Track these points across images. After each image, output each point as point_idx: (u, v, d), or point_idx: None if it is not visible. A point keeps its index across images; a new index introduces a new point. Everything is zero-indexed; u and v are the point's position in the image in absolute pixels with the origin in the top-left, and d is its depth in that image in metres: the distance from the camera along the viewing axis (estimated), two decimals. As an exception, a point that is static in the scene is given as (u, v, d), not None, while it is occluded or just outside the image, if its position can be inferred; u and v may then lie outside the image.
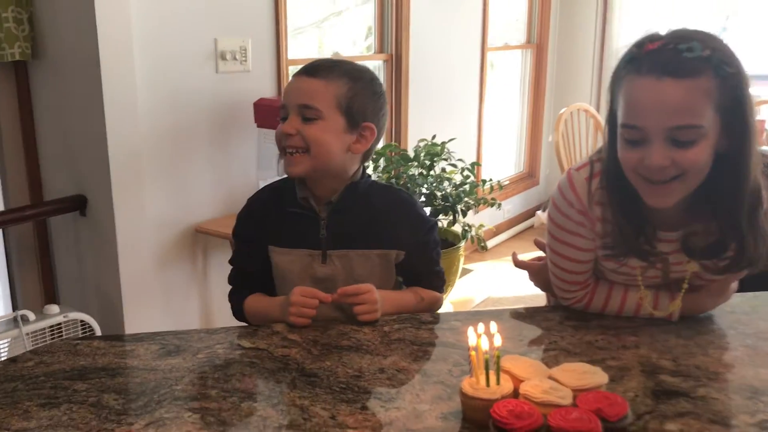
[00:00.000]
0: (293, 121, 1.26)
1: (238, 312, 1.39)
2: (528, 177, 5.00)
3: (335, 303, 1.25)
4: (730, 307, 1.28)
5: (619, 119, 1.11)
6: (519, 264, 1.47)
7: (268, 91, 2.76)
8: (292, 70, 3.04)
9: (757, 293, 1.35)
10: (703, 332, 1.20)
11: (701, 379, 1.02)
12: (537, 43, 4.82)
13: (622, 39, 4.67)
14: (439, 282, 1.41)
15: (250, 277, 1.38)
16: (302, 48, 3.16)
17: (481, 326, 0.93)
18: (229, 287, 1.41)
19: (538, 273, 1.43)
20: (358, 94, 1.28)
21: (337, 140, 1.27)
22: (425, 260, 1.38)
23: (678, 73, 1.04)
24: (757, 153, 1.12)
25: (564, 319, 1.26)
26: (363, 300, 1.24)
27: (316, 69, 1.27)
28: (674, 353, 1.11)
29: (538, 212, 4.80)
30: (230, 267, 1.43)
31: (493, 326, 0.95)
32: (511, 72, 4.79)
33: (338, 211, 1.32)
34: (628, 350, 1.13)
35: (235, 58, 2.61)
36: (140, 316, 2.39)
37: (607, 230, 1.20)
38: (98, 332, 2.19)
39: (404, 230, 1.34)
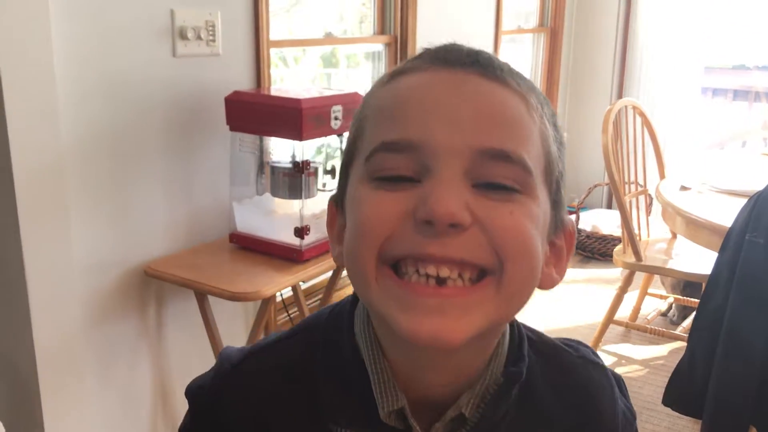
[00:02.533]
0: (461, 189, 0.50)
1: None
2: (539, 181, 4.36)
3: None
4: None
5: None
6: None
7: (244, 81, 2.06)
8: (276, 54, 2.34)
9: None
10: None
11: None
12: (551, 27, 4.18)
13: (650, 23, 4.05)
14: None
15: None
16: (286, 25, 2.47)
17: None
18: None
19: None
20: (564, 146, 0.58)
21: (542, 249, 0.55)
22: None
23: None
24: None
25: None
26: None
27: (494, 65, 0.54)
28: None
29: (554, 223, 4.17)
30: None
31: None
32: (519, 61, 4.15)
33: None
34: None
35: (199, 37, 1.91)
36: (66, 403, 1.68)
37: None
38: (0, 435, 1.50)
39: None
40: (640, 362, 2.84)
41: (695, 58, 4.09)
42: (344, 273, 2.12)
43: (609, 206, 4.34)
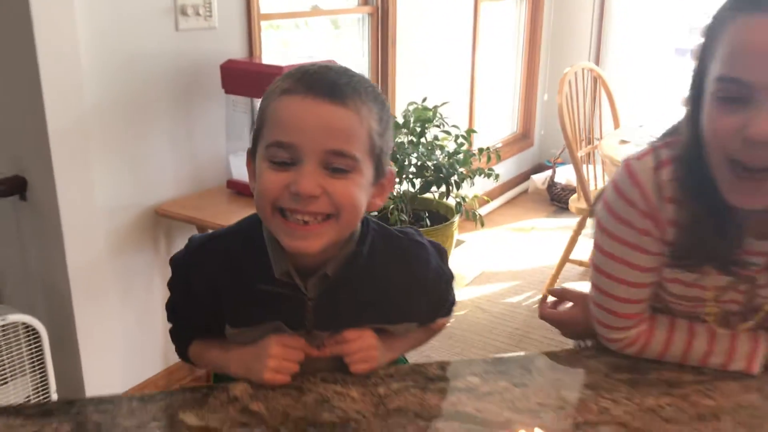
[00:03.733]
0: (315, 175, 0.86)
1: (183, 356, 1.09)
2: (522, 138, 4.69)
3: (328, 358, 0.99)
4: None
5: (715, 72, 0.86)
6: (549, 318, 1.20)
7: (237, 51, 2.41)
8: (266, 26, 2.69)
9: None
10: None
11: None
12: (533, -7, 4.46)
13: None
14: (450, 310, 1.13)
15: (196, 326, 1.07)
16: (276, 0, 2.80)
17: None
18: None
19: (570, 323, 1.16)
20: (387, 129, 0.94)
21: (365, 198, 0.93)
22: (442, 316, 1.13)
23: None
24: None
25: (613, 370, 0.98)
26: (355, 348, 0.98)
27: (340, 91, 0.87)
28: None
29: (533, 176, 4.51)
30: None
31: None
32: (504, 25, 4.44)
33: (333, 289, 0.98)
34: (707, 423, 0.85)
35: (198, 13, 2.25)
36: (94, 314, 2.09)
37: (680, 236, 0.94)
38: (44, 336, 1.89)
39: (422, 304, 1.06)
40: (595, 297, 3.19)
41: (675, 20, 4.34)
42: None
43: (585, 162, 4.66)
